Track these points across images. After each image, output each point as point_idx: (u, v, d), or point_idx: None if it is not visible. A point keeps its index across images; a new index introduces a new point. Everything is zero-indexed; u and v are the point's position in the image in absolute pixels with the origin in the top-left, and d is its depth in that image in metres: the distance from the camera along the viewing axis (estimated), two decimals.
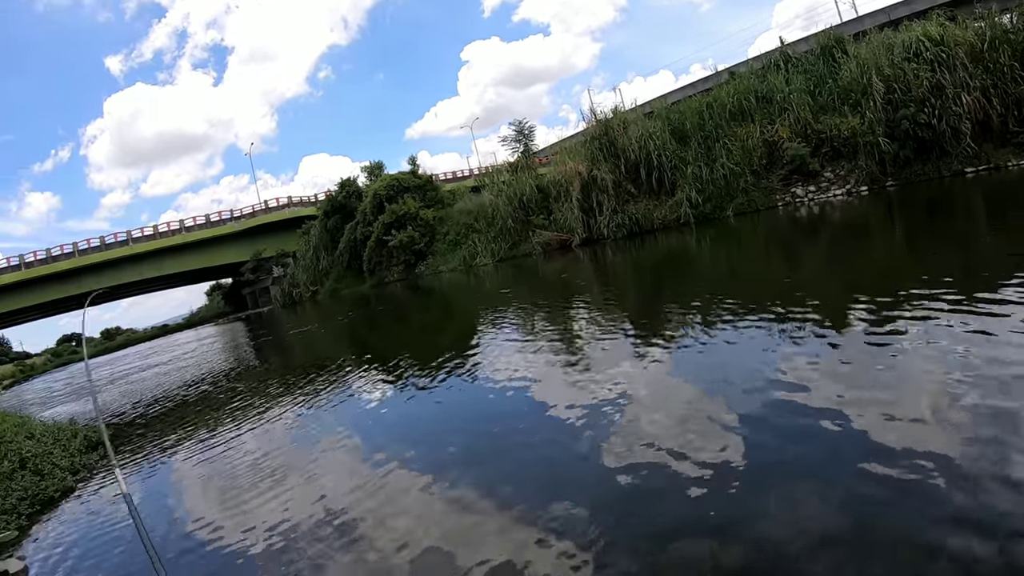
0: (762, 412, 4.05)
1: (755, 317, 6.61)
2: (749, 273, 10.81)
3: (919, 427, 3.34)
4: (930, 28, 18.55)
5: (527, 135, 32.89)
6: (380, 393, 8.07)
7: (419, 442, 5.54)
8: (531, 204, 27.74)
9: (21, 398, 26.14)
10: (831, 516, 2.79)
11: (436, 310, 19.50)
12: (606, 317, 9.27)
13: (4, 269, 51.32)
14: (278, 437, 6.99)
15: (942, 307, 5.30)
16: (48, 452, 7.88)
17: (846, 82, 19.91)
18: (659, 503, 3.27)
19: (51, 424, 9.85)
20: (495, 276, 23.34)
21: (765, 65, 23.24)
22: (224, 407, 9.87)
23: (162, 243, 54.78)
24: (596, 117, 26.03)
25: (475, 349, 9.02)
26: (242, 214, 58.80)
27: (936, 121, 17.07)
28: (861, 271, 8.17)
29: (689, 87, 37.98)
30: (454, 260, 31.76)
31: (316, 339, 18.80)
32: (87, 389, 15.97)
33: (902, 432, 3.31)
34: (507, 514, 3.63)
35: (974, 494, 2.66)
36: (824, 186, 19.52)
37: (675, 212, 22.01)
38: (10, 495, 6.39)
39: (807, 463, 3.31)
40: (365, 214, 38.94)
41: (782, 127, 20.57)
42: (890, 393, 3.86)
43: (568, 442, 4.44)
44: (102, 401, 15.13)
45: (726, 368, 5.24)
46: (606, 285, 14.22)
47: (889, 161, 17.98)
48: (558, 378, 6.36)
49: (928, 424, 3.36)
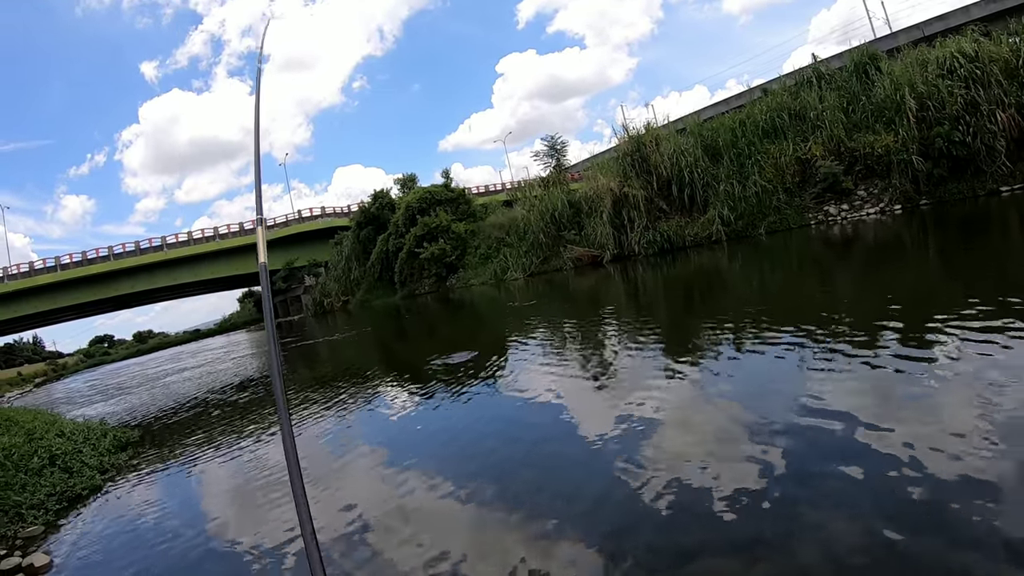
0: (792, 434, 4.04)
1: (788, 337, 6.58)
2: (782, 293, 10.81)
3: (954, 453, 3.30)
4: (964, 44, 18.53)
5: (559, 150, 33.29)
6: (406, 403, 8.15)
7: (443, 453, 5.59)
8: (562, 219, 27.91)
9: (51, 396, 26.74)
10: (859, 543, 2.77)
11: (467, 322, 19.70)
12: (636, 334, 9.35)
13: (40, 270, 52.84)
14: (306, 445, 6.92)
15: (978, 330, 5.24)
16: (78, 450, 8.00)
17: (880, 99, 19.91)
18: (684, 521, 3.29)
19: (81, 423, 9.99)
20: (526, 290, 23.44)
21: (798, 82, 23.27)
22: (251, 413, 10.13)
23: (196, 249, 55.91)
24: (628, 133, 26.19)
25: (504, 362, 9.09)
26: (275, 223, 59.80)
27: (971, 139, 17.05)
28: (895, 292, 8.13)
29: (722, 103, 38.04)
30: (485, 273, 32.08)
31: (347, 348, 19.16)
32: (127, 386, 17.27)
33: (934, 458, 3.29)
34: (530, 526, 3.69)
35: (1008, 521, 2.65)
36: (857, 205, 19.51)
37: (707, 229, 22.12)
38: (39, 491, 6.51)
39: (836, 488, 3.27)
40: (397, 226, 39.51)
41: (815, 144, 20.61)
42: (922, 418, 3.85)
43: (595, 457, 4.48)
44: (135, 402, 15.51)
45: (756, 388, 5.27)
46: (637, 302, 14.32)
47: (923, 179, 17.97)
48: (587, 394, 6.44)
49: (964, 450, 3.30)
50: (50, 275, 52.22)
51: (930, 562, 2.57)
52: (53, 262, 53.33)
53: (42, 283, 51.52)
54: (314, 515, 1.24)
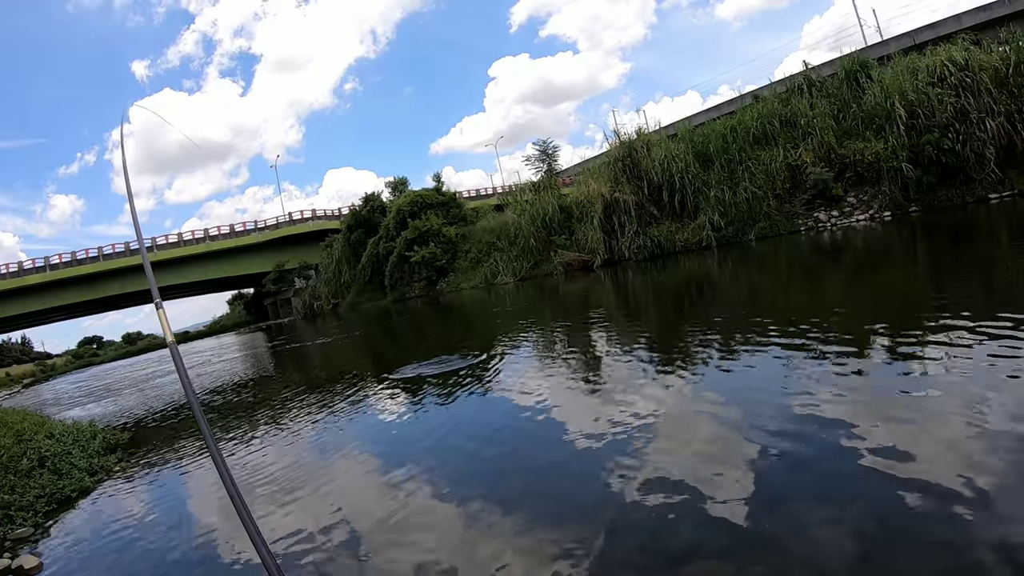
0: (784, 439, 4.03)
1: (779, 343, 6.54)
2: (771, 298, 10.81)
3: (943, 459, 3.32)
4: (955, 52, 18.67)
5: (551, 155, 33.23)
6: (395, 406, 8.10)
7: (430, 457, 5.50)
8: (553, 224, 27.95)
9: (40, 397, 26.50)
10: (850, 546, 2.77)
11: (457, 326, 19.66)
12: (626, 338, 9.32)
13: (29, 270, 52.87)
14: (300, 447, 7.01)
15: (967, 336, 5.25)
16: (67, 452, 7.91)
17: (870, 107, 20.02)
18: (675, 526, 3.28)
19: (71, 425, 9.84)
20: (516, 295, 23.45)
21: (789, 88, 23.36)
22: (245, 414, 10.02)
23: (186, 251, 56.00)
24: (620, 138, 26.25)
25: (494, 366, 8.94)
26: (266, 225, 59.89)
27: (960, 147, 17.16)
28: (884, 298, 8.17)
29: (713, 110, 38.19)
30: (475, 278, 32.05)
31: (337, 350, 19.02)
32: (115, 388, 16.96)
33: (925, 463, 3.30)
34: (520, 533, 3.63)
35: (1000, 524, 2.66)
36: (847, 211, 19.58)
37: (697, 235, 22.17)
38: (28, 492, 6.46)
39: (827, 492, 3.29)
40: (388, 229, 39.51)
41: (806, 151, 20.70)
42: (913, 423, 3.85)
43: (584, 461, 4.46)
44: (125, 404, 15.35)
45: (747, 394, 5.20)
46: (627, 306, 14.32)
47: (913, 187, 18.05)
48: (575, 398, 6.41)
49: (952, 456, 3.32)
50: (39, 275, 52.12)
51: (924, 566, 2.56)
52: (42, 262, 53.33)
53: (31, 283, 51.39)
54: (297, 518, 1.21)
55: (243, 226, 60.31)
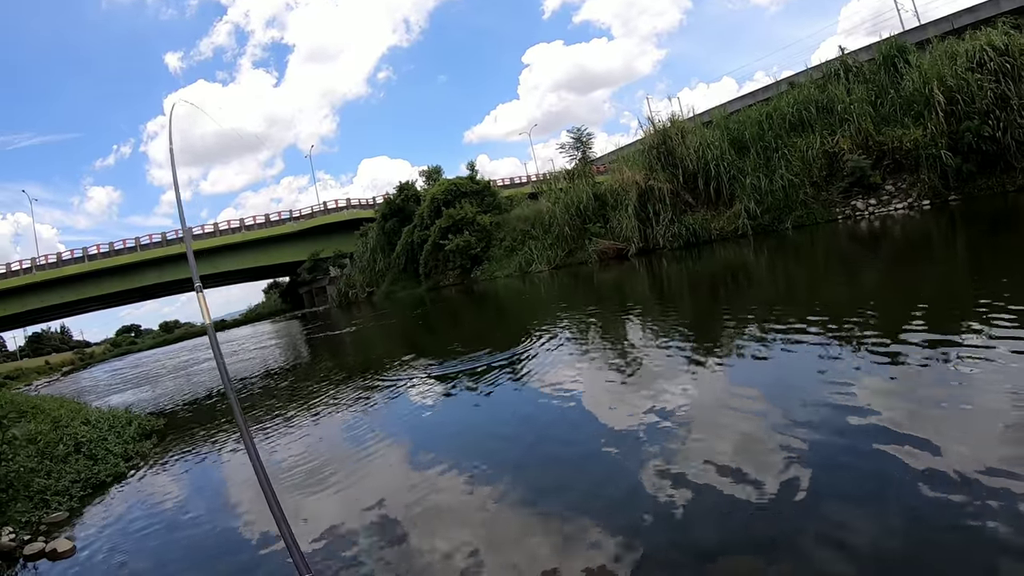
0: (818, 432, 4.05)
1: (815, 334, 6.53)
2: (809, 288, 10.80)
3: (980, 454, 3.29)
4: (994, 37, 18.38)
5: (585, 143, 33.33)
6: (429, 396, 8.18)
7: (463, 447, 5.64)
8: (588, 212, 28.04)
9: (79, 385, 27.20)
10: (884, 543, 2.77)
11: (491, 314, 19.87)
12: (662, 329, 9.36)
13: (68, 261, 54.20)
14: (332, 435, 7.18)
15: (1011, 329, 5.14)
16: (102, 438, 8.07)
17: (908, 93, 19.84)
18: (707, 519, 3.31)
19: (107, 411, 10.05)
20: (550, 283, 23.60)
21: (825, 74, 23.15)
22: (279, 400, 10.27)
23: (222, 240, 56.84)
24: (654, 125, 26.27)
25: (529, 355, 9.03)
26: (301, 214, 60.58)
27: (1000, 134, 16.98)
28: (926, 289, 8.06)
29: (749, 96, 37.78)
30: (510, 266, 32.36)
31: (373, 338, 19.48)
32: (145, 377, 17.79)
33: (962, 458, 3.27)
34: (552, 523, 3.69)
35: None
36: (885, 199, 19.48)
37: (732, 223, 22.25)
38: (63, 477, 6.61)
39: (862, 487, 3.28)
40: (422, 218, 40.04)
41: (843, 138, 20.58)
42: (952, 418, 3.84)
43: (617, 454, 4.51)
44: (161, 391, 15.91)
45: (784, 388, 5.23)
46: (662, 296, 14.37)
47: (952, 175, 17.91)
48: (610, 389, 6.43)
49: (990, 451, 3.31)
50: (77, 266, 53.38)
51: (955, 565, 2.60)
52: (81, 253, 54.57)
53: (70, 273, 52.71)
54: (337, 505, 1.38)
55: (278, 215, 61.16)
